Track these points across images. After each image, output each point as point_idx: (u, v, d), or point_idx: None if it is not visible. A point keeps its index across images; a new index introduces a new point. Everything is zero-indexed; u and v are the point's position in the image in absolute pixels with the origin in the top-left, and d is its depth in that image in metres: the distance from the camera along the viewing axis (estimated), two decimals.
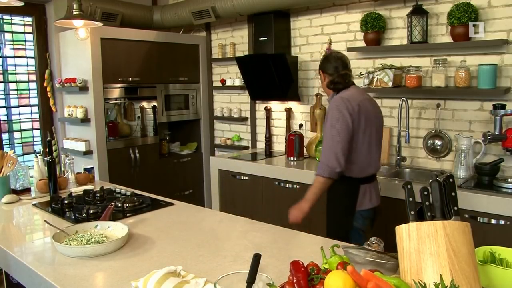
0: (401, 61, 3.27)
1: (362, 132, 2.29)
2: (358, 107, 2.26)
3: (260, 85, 3.96)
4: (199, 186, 4.79)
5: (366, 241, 1.51)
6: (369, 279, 1.03)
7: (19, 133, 4.12)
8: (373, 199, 2.40)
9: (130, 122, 4.18)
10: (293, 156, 3.68)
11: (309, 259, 1.24)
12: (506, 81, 2.86)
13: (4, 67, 3.96)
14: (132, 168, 4.10)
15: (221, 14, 3.97)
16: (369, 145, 2.33)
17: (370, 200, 2.38)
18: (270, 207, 3.52)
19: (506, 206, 2.37)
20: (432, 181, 1.23)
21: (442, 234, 1.10)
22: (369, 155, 2.34)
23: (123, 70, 3.97)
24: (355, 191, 2.35)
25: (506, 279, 1.16)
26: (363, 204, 2.37)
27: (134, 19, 4.24)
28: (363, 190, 2.37)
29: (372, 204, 2.39)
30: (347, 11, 3.57)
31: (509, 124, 2.79)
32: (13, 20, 3.99)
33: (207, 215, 2.20)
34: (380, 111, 2.49)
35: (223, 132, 4.77)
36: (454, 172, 2.96)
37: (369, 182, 2.39)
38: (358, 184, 2.35)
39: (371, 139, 2.34)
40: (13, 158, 2.49)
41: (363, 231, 2.40)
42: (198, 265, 1.50)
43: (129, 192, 2.45)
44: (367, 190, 2.38)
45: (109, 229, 1.82)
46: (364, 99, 2.35)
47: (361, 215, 2.37)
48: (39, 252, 1.69)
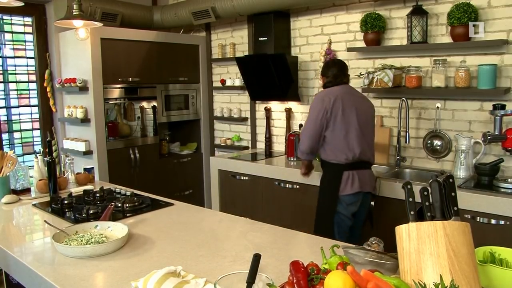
0: (401, 61, 3.27)
1: (340, 120, 2.59)
2: (335, 98, 2.61)
3: (260, 85, 3.96)
4: (199, 186, 4.79)
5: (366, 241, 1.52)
6: (369, 279, 1.03)
7: (19, 133, 4.12)
8: (355, 185, 2.59)
9: (130, 122, 4.18)
10: (293, 156, 3.68)
11: (309, 259, 1.24)
12: (506, 81, 2.86)
13: (4, 67, 3.96)
14: (132, 168, 4.10)
15: (221, 14, 3.97)
16: (347, 132, 2.60)
17: (352, 186, 2.59)
18: (270, 207, 3.52)
19: (506, 206, 2.37)
20: (432, 181, 1.23)
21: (442, 234, 1.10)
22: (344, 140, 2.60)
23: (123, 70, 3.97)
24: (338, 176, 2.61)
25: (506, 279, 1.16)
26: (345, 189, 2.59)
27: (134, 19, 4.24)
28: (346, 176, 2.60)
29: (354, 189, 2.58)
30: (347, 11, 3.57)
31: (509, 124, 2.79)
32: (13, 20, 3.99)
33: (207, 215, 2.20)
34: (370, 106, 2.78)
35: (223, 132, 4.77)
36: (454, 172, 2.96)
37: (353, 169, 2.60)
38: (342, 170, 2.60)
39: (350, 127, 2.60)
40: (13, 158, 2.49)
41: (348, 217, 2.63)
42: (198, 265, 1.50)
43: (129, 192, 2.45)
44: (350, 176, 2.60)
45: (109, 229, 1.82)
46: (344, 92, 2.67)
47: (344, 201, 2.60)
48: (39, 252, 1.69)
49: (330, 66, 2.81)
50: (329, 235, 2.42)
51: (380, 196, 2.84)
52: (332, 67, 2.78)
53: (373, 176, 2.78)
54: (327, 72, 2.79)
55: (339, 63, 2.82)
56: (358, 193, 2.61)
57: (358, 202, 2.63)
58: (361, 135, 2.64)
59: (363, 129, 2.66)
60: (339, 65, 2.80)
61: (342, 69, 2.79)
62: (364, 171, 2.67)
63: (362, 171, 2.65)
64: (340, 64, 2.81)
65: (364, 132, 2.66)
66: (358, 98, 2.74)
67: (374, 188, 2.75)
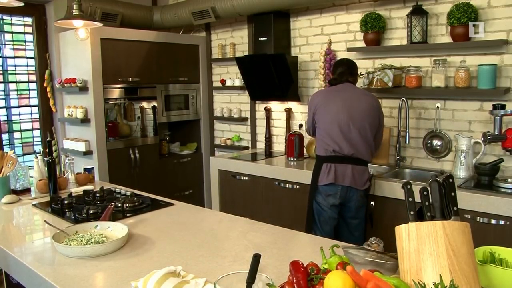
0: (401, 61, 3.27)
1: (321, 117, 2.78)
2: (321, 96, 2.83)
3: (260, 85, 3.96)
4: (199, 186, 4.79)
5: (366, 242, 1.52)
6: (368, 279, 1.03)
7: (19, 133, 4.12)
8: (330, 176, 2.71)
9: (130, 122, 4.18)
10: (293, 156, 3.68)
11: (308, 259, 1.24)
12: (506, 81, 2.86)
13: (4, 67, 3.96)
14: (132, 168, 4.10)
15: (221, 14, 3.97)
16: (328, 128, 2.74)
17: (327, 177, 2.71)
18: (270, 207, 3.52)
19: (506, 206, 2.37)
20: (432, 181, 1.23)
21: (441, 234, 1.10)
22: (325, 134, 2.76)
23: (123, 70, 3.97)
24: (319, 167, 2.77)
25: (506, 279, 1.16)
26: (322, 180, 2.74)
27: (134, 19, 4.24)
28: (325, 167, 2.74)
29: (328, 180, 2.70)
30: (347, 11, 3.57)
31: (509, 124, 2.79)
32: (13, 20, 4.00)
33: (207, 215, 2.20)
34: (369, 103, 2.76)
35: (223, 132, 4.77)
36: (454, 172, 2.96)
37: (333, 162, 2.72)
38: (322, 162, 2.76)
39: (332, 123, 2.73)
40: (13, 158, 2.49)
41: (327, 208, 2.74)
42: (198, 265, 1.50)
43: (129, 192, 2.45)
44: (327, 168, 2.73)
45: (109, 229, 1.82)
46: (336, 90, 2.81)
47: (322, 191, 2.75)
48: (39, 252, 1.69)
49: (338, 64, 2.93)
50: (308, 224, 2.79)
51: (380, 196, 2.84)
52: (340, 66, 2.90)
53: (363, 172, 2.74)
54: (335, 70, 2.91)
55: (347, 63, 2.92)
56: (333, 184, 2.70)
57: (337, 195, 2.71)
58: (346, 131, 2.71)
59: (351, 125, 2.70)
60: (347, 64, 2.91)
61: (349, 68, 2.89)
62: (346, 165, 2.71)
63: (343, 165, 2.71)
64: (348, 64, 2.91)
65: (351, 128, 2.71)
66: (354, 95, 2.78)
67: (362, 185, 2.72)
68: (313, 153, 3.66)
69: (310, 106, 2.91)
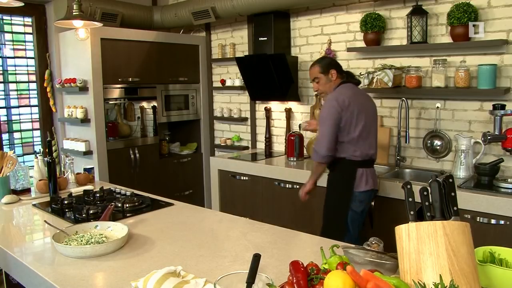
0: (401, 61, 3.27)
1: (356, 121, 2.57)
2: (349, 99, 2.57)
3: (260, 85, 3.96)
4: (199, 187, 4.79)
5: (366, 242, 1.52)
6: (368, 279, 1.03)
7: (19, 133, 4.12)
8: (369, 182, 2.60)
9: (130, 123, 4.18)
10: (293, 157, 3.68)
11: (308, 259, 1.24)
12: (506, 81, 2.86)
13: (4, 67, 3.96)
14: (132, 168, 4.10)
15: (221, 14, 3.97)
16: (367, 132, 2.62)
17: (366, 183, 2.59)
18: (270, 207, 3.52)
19: (506, 206, 2.37)
20: (432, 181, 1.23)
21: (441, 234, 1.10)
22: (367, 140, 2.62)
23: (123, 71, 3.97)
24: (353, 173, 2.59)
25: (506, 279, 1.16)
26: (360, 186, 2.59)
27: (134, 19, 4.25)
28: (360, 173, 2.60)
29: (368, 186, 2.59)
30: (347, 11, 3.57)
31: (509, 124, 2.79)
32: (13, 20, 4.00)
33: (207, 215, 2.20)
34: (374, 105, 2.78)
35: (223, 132, 4.77)
36: (454, 172, 2.96)
37: (366, 167, 2.62)
38: (356, 168, 2.59)
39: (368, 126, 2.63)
40: (13, 158, 2.49)
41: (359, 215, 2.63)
42: (198, 265, 1.50)
43: (129, 192, 2.45)
44: (364, 174, 2.60)
45: (109, 229, 1.82)
46: (354, 93, 2.64)
47: (357, 198, 2.59)
48: (39, 252, 1.70)
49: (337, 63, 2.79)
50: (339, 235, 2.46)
51: (380, 196, 2.84)
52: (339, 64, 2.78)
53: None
54: (341, 68, 2.77)
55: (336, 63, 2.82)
56: (371, 190, 2.64)
57: (370, 200, 2.67)
58: (375, 134, 2.70)
59: (371, 128, 2.69)
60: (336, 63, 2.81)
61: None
62: (373, 169, 2.70)
63: (372, 168, 2.70)
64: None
65: (374, 131, 2.72)
66: (365, 97, 2.78)
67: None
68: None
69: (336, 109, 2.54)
